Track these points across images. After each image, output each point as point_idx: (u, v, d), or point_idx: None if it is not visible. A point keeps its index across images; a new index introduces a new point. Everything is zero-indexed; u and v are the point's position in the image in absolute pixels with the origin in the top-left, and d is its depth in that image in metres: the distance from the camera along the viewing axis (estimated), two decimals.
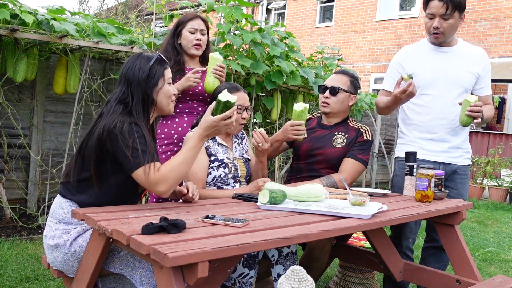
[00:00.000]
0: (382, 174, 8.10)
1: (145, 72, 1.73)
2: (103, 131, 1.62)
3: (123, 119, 1.63)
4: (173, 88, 1.82)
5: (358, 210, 1.69)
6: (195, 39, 2.55)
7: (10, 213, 3.57)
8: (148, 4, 4.07)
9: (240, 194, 1.97)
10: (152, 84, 1.74)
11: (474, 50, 2.47)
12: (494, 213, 6.24)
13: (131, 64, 1.75)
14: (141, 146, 1.60)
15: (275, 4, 14.31)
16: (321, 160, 2.50)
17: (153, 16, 3.99)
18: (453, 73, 2.41)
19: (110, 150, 1.62)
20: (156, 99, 1.77)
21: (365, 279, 2.69)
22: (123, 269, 1.60)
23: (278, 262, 2.06)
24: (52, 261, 1.69)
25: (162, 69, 1.77)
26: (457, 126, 2.42)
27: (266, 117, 4.85)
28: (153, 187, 1.59)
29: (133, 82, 1.72)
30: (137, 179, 1.61)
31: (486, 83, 2.45)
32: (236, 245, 1.21)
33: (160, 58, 1.77)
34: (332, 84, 2.54)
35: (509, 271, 3.56)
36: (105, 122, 1.64)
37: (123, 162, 1.61)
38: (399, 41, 11.49)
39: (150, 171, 1.58)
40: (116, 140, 1.60)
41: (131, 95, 1.72)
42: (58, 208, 1.70)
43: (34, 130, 3.82)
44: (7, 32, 3.13)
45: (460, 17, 2.34)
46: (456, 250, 2.18)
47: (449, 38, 2.40)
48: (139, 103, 1.72)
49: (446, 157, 2.46)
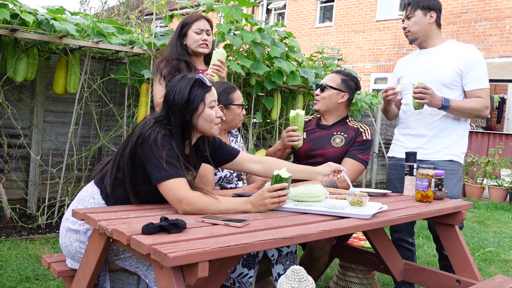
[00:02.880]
0: (382, 174, 8.10)
1: (184, 96, 1.67)
2: (138, 138, 1.60)
3: (158, 130, 1.60)
4: (217, 111, 1.75)
5: (358, 210, 1.69)
6: (201, 39, 2.57)
7: (10, 213, 3.57)
8: (148, 4, 4.07)
9: (241, 194, 1.98)
10: (192, 109, 1.68)
11: (459, 47, 2.51)
12: (494, 213, 6.24)
13: (172, 87, 1.71)
14: (171, 159, 1.57)
15: (275, 4, 14.31)
16: (321, 161, 2.50)
17: (153, 16, 3.99)
18: (430, 71, 2.51)
19: (141, 157, 1.60)
20: (196, 124, 1.72)
21: (365, 279, 2.69)
22: (138, 267, 1.60)
23: (278, 262, 2.06)
24: (66, 245, 1.67)
25: (203, 92, 1.70)
26: (436, 120, 2.50)
27: (266, 117, 4.85)
28: (178, 203, 1.55)
29: (172, 106, 1.67)
30: (162, 191, 1.57)
31: (471, 78, 2.43)
32: (236, 245, 1.21)
33: (201, 80, 1.71)
34: (323, 81, 2.60)
35: (509, 271, 3.56)
36: (141, 130, 1.61)
37: (150, 172, 1.58)
38: (399, 41, 11.49)
39: (178, 186, 1.55)
40: (149, 149, 1.57)
41: (169, 120, 1.67)
42: (89, 197, 1.69)
43: (34, 130, 3.82)
44: (7, 32, 3.13)
45: (425, 15, 2.50)
46: (456, 250, 2.18)
47: (422, 37, 2.55)
48: (178, 128, 1.67)
49: (421, 154, 2.49)
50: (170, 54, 2.57)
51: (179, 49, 2.57)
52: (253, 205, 1.64)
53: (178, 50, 2.57)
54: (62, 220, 1.75)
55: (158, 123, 1.66)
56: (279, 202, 1.65)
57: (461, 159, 2.54)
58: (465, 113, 2.45)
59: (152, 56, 3.68)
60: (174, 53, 2.57)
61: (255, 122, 4.75)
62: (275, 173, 1.67)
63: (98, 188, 1.71)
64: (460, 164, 2.53)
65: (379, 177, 8.00)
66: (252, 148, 4.58)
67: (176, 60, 2.53)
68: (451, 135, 2.50)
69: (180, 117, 1.67)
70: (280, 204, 1.67)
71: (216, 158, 1.92)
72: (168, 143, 1.60)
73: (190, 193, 1.56)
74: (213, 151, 1.92)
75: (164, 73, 2.52)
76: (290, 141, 2.41)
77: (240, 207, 1.63)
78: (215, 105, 1.75)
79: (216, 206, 1.59)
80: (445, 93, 2.45)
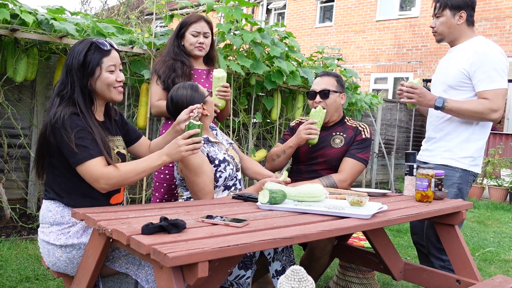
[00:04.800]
0: (382, 174, 8.10)
1: (80, 60, 1.64)
2: (46, 126, 1.59)
3: (63, 111, 1.58)
4: (118, 75, 1.72)
5: (358, 210, 1.69)
6: (197, 42, 2.54)
7: (10, 213, 3.57)
8: (148, 4, 4.07)
9: (240, 194, 1.97)
10: (88, 73, 1.66)
11: (474, 45, 2.37)
12: (494, 213, 6.24)
13: (71, 51, 1.68)
14: (82, 141, 1.56)
15: (275, 4, 14.31)
16: (321, 162, 2.51)
17: (153, 16, 3.99)
18: (442, 71, 2.47)
19: (55, 144, 1.59)
20: (94, 88, 1.69)
21: (365, 279, 2.69)
22: (128, 268, 1.60)
23: (275, 259, 2.07)
24: (54, 262, 1.67)
25: (99, 56, 1.66)
26: (442, 123, 2.44)
27: (266, 117, 4.85)
28: (96, 183, 1.56)
29: (71, 70, 1.65)
30: (81, 174, 1.58)
31: (478, 79, 2.30)
32: (236, 245, 1.21)
33: (96, 44, 1.67)
34: (321, 87, 2.53)
35: (509, 271, 3.55)
36: (47, 116, 1.61)
37: (68, 157, 1.58)
38: (399, 41, 11.49)
39: (92, 166, 1.55)
40: (60, 135, 1.56)
41: (70, 85, 1.65)
42: (46, 212, 1.69)
43: (34, 130, 3.82)
44: (7, 32, 3.13)
45: (453, 15, 2.38)
46: (456, 250, 2.18)
47: (449, 36, 2.44)
48: (79, 93, 1.65)
49: (424, 156, 2.50)
50: (167, 55, 2.56)
51: (175, 50, 2.55)
52: (168, 156, 1.65)
53: (175, 50, 2.55)
54: (39, 243, 1.73)
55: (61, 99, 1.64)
56: (193, 148, 1.66)
57: (462, 164, 2.39)
58: (465, 115, 2.33)
59: (152, 56, 3.67)
60: (171, 53, 2.55)
61: (255, 122, 4.75)
62: (188, 123, 1.68)
63: (49, 200, 1.70)
64: (457, 170, 2.39)
65: (379, 177, 8.00)
66: (252, 148, 4.58)
67: (172, 60, 2.52)
68: (454, 138, 2.40)
69: (77, 81, 1.65)
70: (194, 151, 1.67)
71: (124, 130, 1.93)
72: (75, 123, 1.58)
73: (105, 169, 1.56)
74: (121, 124, 1.91)
75: (160, 73, 2.51)
76: (308, 134, 2.36)
77: (156, 162, 1.64)
78: (115, 69, 1.72)
79: (134, 171, 1.61)
80: (452, 95, 2.37)
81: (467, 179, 2.42)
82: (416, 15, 11.25)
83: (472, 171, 2.41)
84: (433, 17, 2.46)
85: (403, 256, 3.65)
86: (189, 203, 1.83)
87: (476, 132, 2.39)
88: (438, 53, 10.65)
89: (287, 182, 2.09)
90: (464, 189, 2.42)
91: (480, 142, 2.41)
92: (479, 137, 2.40)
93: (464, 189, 2.42)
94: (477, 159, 2.42)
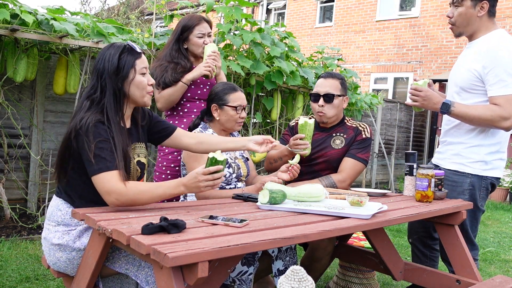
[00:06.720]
0: (382, 174, 8.10)
1: (114, 63, 1.63)
2: (71, 131, 1.58)
3: (89, 118, 1.57)
4: (149, 78, 1.72)
5: (358, 210, 1.69)
6: (204, 42, 2.56)
7: (10, 213, 3.57)
8: (148, 4, 4.07)
9: (240, 194, 1.98)
10: (122, 76, 1.65)
11: (489, 43, 2.15)
12: (494, 213, 6.24)
13: (101, 55, 1.67)
14: (101, 152, 1.54)
15: (275, 4, 14.31)
16: (322, 163, 2.50)
17: (153, 16, 3.99)
18: (456, 71, 2.29)
19: (76, 150, 1.59)
20: (128, 92, 1.68)
21: (365, 279, 2.69)
22: (128, 269, 1.59)
23: (278, 258, 2.09)
24: (55, 262, 1.67)
25: (133, 59, 1.67)
26: (453, 127, 2.30)
27: (266, 117, 4.85)
28: (107, 196, 1.53)
29: (103, 74, 1.64)
30: (95, 185, 1.56)
31: (489, 83, 2.09)
32: (236, 245, 1.21)
33: (130, 47, 1.67)
34: (325, 91, 2.47)
35: (509, 271, 3.55)
36: (74, 121, 1.60)
37: (86, 165, 1.57)
38: (399, 41, 11.49)
39: (107, 179, 1.52)
40: (82, 142, 1.55)
41: (101, 89, 1.64)
42: (55, 210, 1.68)
43: (34, 130, 3.82)
44: (7, 32, 3.13)
45: (474, 6, 2.16)
46: (456, 250, 2.18)
47: (467, 29, 2.23)
48: (110, 97, 1.63)
49: (436, 159, 2.45)
50: (164, 58, 2.55)
51: (173, 53, 2.53)
52: (186, 187, 1.61)
53: (172, 54, 2.52)
54: (42, 240, 1.73)
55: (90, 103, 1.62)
56: (213, 185, 1.62)
57: (473, 169, 2.23)
58: (473, 121, 2.14)
59: (152, 56, 3.68)
60: (167, 57, 2.53)
61: (255, 122, 4.75)
62: (210, 156, 1.63)
63: (61, 198, 1.69)
64: (467, 175, 2.24)
65: (379, 177, 8.00)
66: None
67: (167, 63, 2.50)
68: (464, 142, 2.25)
69: (111, 85, 1.64)
70: (214, 186, 1.64)
71: (154, 132, 1.91)
72: (99, 132, 1.56)
73: (119, 185, 1.52)
74: (150, 125, 1.90)
75: (154, 77, 2.49)
76: (297, 149, 2.27)
77: (173, 191, 1.60)
78: (146, 72, 1.72)
79: (148, 194, 1.56)
80: (465, 98, 2.20)
81: (480, 184, 2.25)
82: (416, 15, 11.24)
83: (487, 176, 2.24)
84: (450, 5, 2.23)
85: (403, 256, 3.65)
86: (189, 203, 1.83)
87: (489, 136, 2.21)
88: (438, 53, 10.65)
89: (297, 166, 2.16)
90: (477, 195, 2.25)
91: (494, 146, 2.22)
92: (493, 141, 2.22)
93: (476, 195, 2.25)
94: (490, 163, 2.23)
